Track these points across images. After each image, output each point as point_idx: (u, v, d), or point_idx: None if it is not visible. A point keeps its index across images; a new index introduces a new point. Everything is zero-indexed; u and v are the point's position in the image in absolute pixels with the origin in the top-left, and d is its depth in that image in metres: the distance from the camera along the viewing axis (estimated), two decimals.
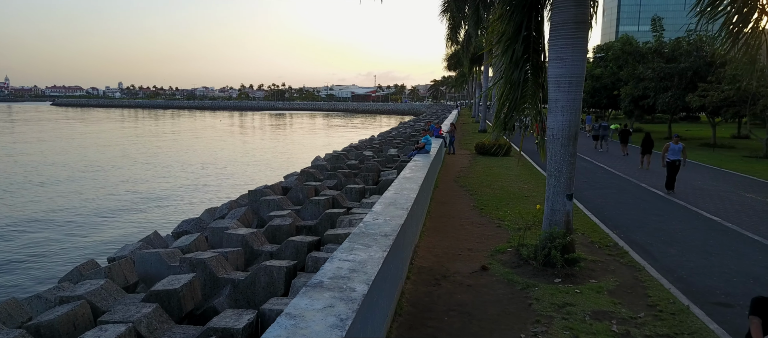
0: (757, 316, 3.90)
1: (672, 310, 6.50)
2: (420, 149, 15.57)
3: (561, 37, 7.57)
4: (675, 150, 14.62)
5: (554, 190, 7.98)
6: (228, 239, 7.56)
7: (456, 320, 6.22)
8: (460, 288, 7.23)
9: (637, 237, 10.03)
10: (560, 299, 6.80)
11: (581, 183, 16.55)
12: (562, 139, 7.80)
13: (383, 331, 5.43)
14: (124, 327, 4.32)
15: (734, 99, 23.78)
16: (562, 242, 7.75)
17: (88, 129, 61.04)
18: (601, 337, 5.72)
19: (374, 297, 4.85)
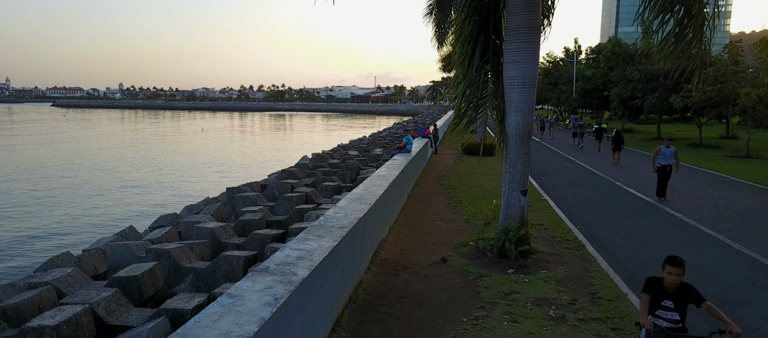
0: (647, 293, 4.32)
1: (610, 297, 6.92)
2: (401, 148, 16.01)
3: (514, 41, 8.01)
4: (666, 154, 13.34)
5: (510, 186, 8.41)
6: (198, 232, 8.02)
7: (407, 306, 6.65)
8: (417, 278, 7.66)
9: (597, 232, 10.47)
10: (508, 287, 7.23)
11: (559, 182, 16.99)
12: (516, 137, 8.23)
13: (331, 315, 5.86)
14: (81, 308, 4.76)
15: (716, 100, 24.19)
16: (516, 235, 8.18)
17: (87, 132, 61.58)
18: (537, 321, 6.15)
19: (318, 281, 5.28)
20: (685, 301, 4.26)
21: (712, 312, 4.09)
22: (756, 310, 6.66)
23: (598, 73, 40.26)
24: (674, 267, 4.19)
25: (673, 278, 4.16)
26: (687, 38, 7.60)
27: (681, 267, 4.21)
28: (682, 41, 7.58)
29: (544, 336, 5.78)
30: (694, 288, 4.26)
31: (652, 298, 4.31)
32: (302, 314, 4.78)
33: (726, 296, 7.12)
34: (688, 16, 7.50)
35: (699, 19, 7.47)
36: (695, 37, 7.61)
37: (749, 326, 6.19)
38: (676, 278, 4.16)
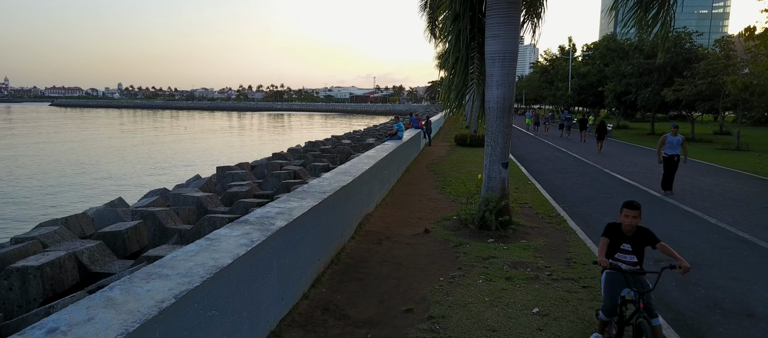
0: (606, 237, 4.54)
1: (584, 262, 7.13)
2: (392, 135, 16.23)
3: (495, 16, 8.23)
4: (673, 143, 12.27)
5: (491, 159, 8.63)
6: (184, 200, 8.22)
7: (386, 268, 6.86)
8: (399, 246, 7.87)
9: (580, 210, 10.69)
10: (486, 253, 7.45)
11: (547, 169, 17.21)
12: (497, 111, 8.45)
13: (311, 272, 6.07)
14: (65, 253, 4.96)
15: (707, 93, 24.43)
16: (497, 206, 8.39)
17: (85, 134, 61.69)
18: (512, 280, 6.35)
19: (296, 234, 5.49)
20: (642, 243, 4.48)
21: (666, 251, 4.31)
22: (724, 272, 6.89)
23: (593, 70, 40.52)
24: (631, 210, 4.42)
25: (630, 220, 4.39)
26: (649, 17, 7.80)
27: (637, 209, 4.44)
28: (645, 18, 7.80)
29: (516, 292, 5.99)
30: (650, 230, 4.49)
31: (611, 242, 4.53)
32: (279, 261, 4.98)
33: (698, 260, 7.34)
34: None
35: None
36: (658, 16, 7.81)
37: (716, 284, 6.41)
38: (632, 220, 4.39)
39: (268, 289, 4.71)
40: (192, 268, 3.78)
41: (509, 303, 5.64)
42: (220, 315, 3.79)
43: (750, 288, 6.27)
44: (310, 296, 5.77)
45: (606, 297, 4.56)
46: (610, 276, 4.57)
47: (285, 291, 5.17)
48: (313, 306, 5.54)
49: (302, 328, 5.02)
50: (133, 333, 2.81)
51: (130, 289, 3.35)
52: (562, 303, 5.64)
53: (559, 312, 5.43)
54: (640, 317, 4.12)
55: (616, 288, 4.50)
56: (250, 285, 4.30)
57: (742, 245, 8.12)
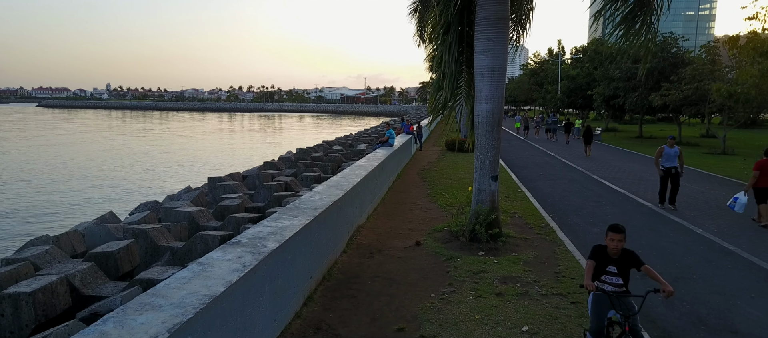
0: (592, 259, 4.64)
1: (573, 275, 7.25)
2: (384, 142, 16.28)
3: (484, 31, 8.32)
4: (670, 155, 11.72)
5: (480, 172, 8.71)
6: (175, 215, 8.22)
7: (378, 284, 6.92)
8: (390, 260, 7.93)
9: (569, 220, 10.82)
10: (477, 267, 7.53)
11: (537, 175, 17.38)
12: (486, 125, 8.53)
13: (303, 290, 6.10)
14: (57, 277, 4.95)
15: (693, 98, 24.78)
16: (487, 219, 8.48)
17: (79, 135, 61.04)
18: (501, 296, 6.44)
19: (288, 255, 5.53)
20: (627, 266, 4.58)
21: (650, 274, 4.41)
22: (709, 285, 7.03)
23: (582, 73, 40.90)
24: (616, 233, 4.52)
25: (616, 243, 4.48)
26: (636, 26, 7.95)
27: (622, 233, 4.54)
28: (632, 27, 7.94)
29: (506, 308, 6.07)
30: (635, 253, 4.59)
31: (597, 264, 4.63)
32: (272, 284, 5.02)
33: (683, 274, 7.48)
34: (639, 6, 7.83)
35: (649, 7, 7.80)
36: (644, 24, 7.95)
37: (701, 299, 6.55)
38: (618, 243, 4.48)
39: (260, 313, 4.74)
40: (185, 297, 3.80)
41: (499, 321, 5.72)
42: None
43: (734, 303, 6.41)
44: (302, 315, 5.81)
45: (593, 318, 4.66)
46: (597, 297, 4.67)
47: (277, 312, 5.21)
48: (305, 325, 5.57)
49: None
50: None
51: (123, 322, 3.37)
52: (551, 321, 5.73)
53: (548, 330, 5.51)
54: None
55: (602, 309, 4.59)
56: (242, 311, 4.33)
57: (727, 258, 8.28)
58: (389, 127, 16.91)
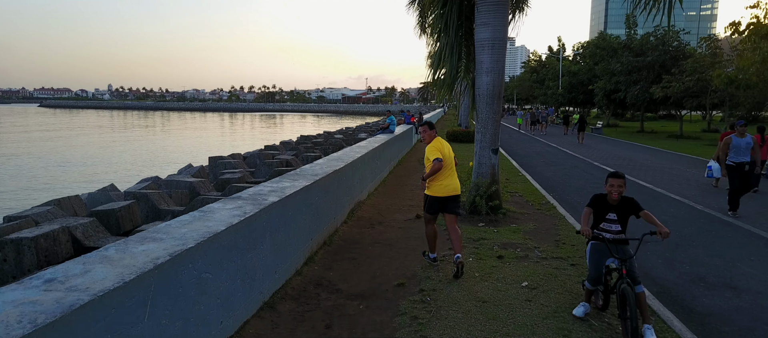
0: (590, 207, 4.65)
1: (573, 243, 7.26)
2: (384, 129, 16.32)
3: (485, 4, 8.34)
4: (740, 147, 9.13)
5: (481, 145, 8.73)
6: (176, 185, 8.25)
7: (378, 248, 6.94)
8: (390, 230, 7.95)
9: (570, 198, 10.84)
10: (477, 235, 7.55)
11: (538, 162, 17.39)
12: (487, 98, 8.56)
13: (305, 250, 6.12)
14: (59, 226, 4.98)
15: (695, 90, 24.77)
16: (487, 191, 8.50)
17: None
18: (502, 259, 6.45)
19: (288, 210, 5.55)
20: (626, 213, 4.60)
21: (649, 219, 4.43)
22: (708, 250, 7.05)
23: (583, 69, 40.89)
24: (616, 179, 4.55)
25: (616, 189, 4.49)
26: None
27: (622, 179, 4.56)
28: None
29: (506, 268, 6.09)
30: (634, 199, 4.60)
31: (597, 212, 4.64)
32: (272, 235, 5.04)
33: (683, 241, 7.50)
34: None
35: None
36: None
37: (701, 261, 6.56)
38: (618, 189, 4.49)
39: (261, 261, 4.76)
40: (186, 233, 3.83)
41: (499, 278, 5.74)
42: (214, 279, 3.84)
43: (733, 265, 6.42)
44: (303, 272, 5.83)
45: (591, 266, 4.68)
46: (595, 246, 4.68)
47: (278, 265, 5.23)
48: (306, 281, 5.60)
49: (295, 301, 5.08)
50: (130, 283, 2.87)
51: (125, 249, 3.40)
52: (551, 278, 5.75)
53: (548, 285, 5.53)
54: (623, 283, 4.22)
55: (600, 257, 4.61)
56: (243, 254, 4.36)
57: (727, 227, 8.29)
58: (390, 113, 16.94)
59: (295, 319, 4.68)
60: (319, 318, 4.73)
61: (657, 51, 29.77)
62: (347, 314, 4.83)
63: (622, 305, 4.22)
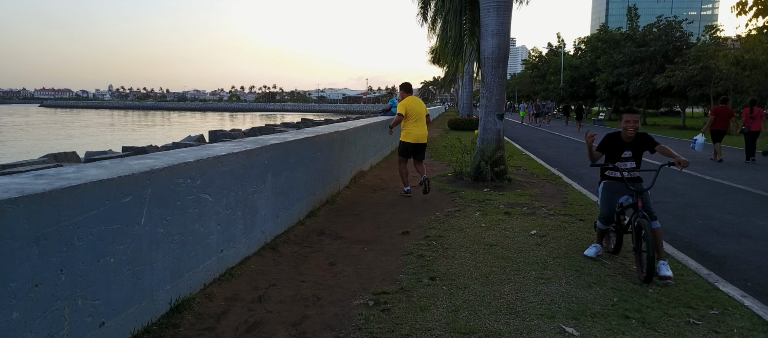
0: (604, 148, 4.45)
1: (581, 204, 7.10)
2: (386, 111, 16.16)
3: None
4: None
5: (486, 110, 8.58)
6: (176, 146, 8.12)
7: (382, 208, 6.79)
8: (393, 195, 7.79)
9: (575, 171, 10.69)
10: (482, 197, 7.39)
11: (542, 145, 17.27)
12: (492, 61, 8.41)
13: (307, 203, 5.97)
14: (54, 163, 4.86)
15: (699, 78, 24.60)
16: (492, 156, 8.35)
17: None
18: (509, 215, 6.29)
19: (290, 156, 5.40)
20: (641, 149, 4.45)
21: (665, 152, 4.28)
22: (717, 209, 6.91)
23: (585, 62, 40.73)
24: (631, 114, 4.39)
25: (632, 125, 4.32)
26: None
27: (637, 114, 4.41)
28: None
29: (513, 221, 5.93)
30: (649, 134, 4.45)
31: (611, 151, 4.44)
32: (273, 175, 4.89)
33: (694, 202, 7.35)
34: None
35: None
36: None
37: (713, 217, 6.41)
38: (634, 125, 4.33)
39: (262, 200, 4.62)
40: (185, 155, 3.69)
41: (506, 228, 5.59)
42: (213, 203, 3.69)
43: (747, 220, 6.28)
44: (305, 223, 5.68)
45: (603, 205, 4.51)
46: (608, 185, 4.53)
47: (280, 210, 5.08)
48: (308, 230, 5.45)
49: (298, 245, 4.93)
50: (124, 178, 2.73)
51: (120, 162, 3.25)
52: (560, 229, 5.60)
53: (557, 234, 5.38)
54: (639, 216, 4.07)
55: (613, 196, 4.45)
56: (244, 186, 4.21)
57: (737, 192, 8.14)
58: (392, 96, 16.78)
59: (297, 259, 4.53)
60: (322, 258, 4.58)
61: (660, 41, 29.59)
62: (351, 254, 4.68)
63: (638, 237, 4.08)
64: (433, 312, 3.34)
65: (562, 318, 3.27)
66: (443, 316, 3.28)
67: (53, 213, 2.23)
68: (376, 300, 3.54)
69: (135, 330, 2.82)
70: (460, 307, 3.42)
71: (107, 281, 2.59)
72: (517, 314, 3.33)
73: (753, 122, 12.26)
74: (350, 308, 3.43)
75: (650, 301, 3.57)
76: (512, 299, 3.58)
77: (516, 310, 3.39)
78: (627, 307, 3.45)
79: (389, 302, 3.50)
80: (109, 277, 2.60)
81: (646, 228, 3.92)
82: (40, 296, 2.18)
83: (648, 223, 3.97)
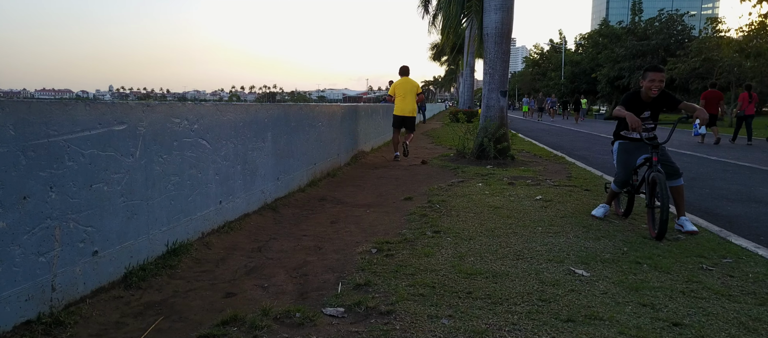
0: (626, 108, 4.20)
1: (585, 177, 7.01)
2: (386, 99, 16.06)
3: None
4: None
5: (489, 87, 8.48)
6: None
7: (383, 181, 6.68)
8: (396, 171, 7.69)
9: (578, 153, 10.59)
10: (485, 172, 7.29)
11: (544, 134, 17.17)
12: (495, 37, 8.30)
13: (307, 171, 5.88)
14: None
15: (701, 70, 24.49)
16: (495, 133, 8.25)
17: None
18: (515, 185, 6.19)
19: (290, 121, 5.31)
20: (660, 107, 4.22)
21: (688, 109, 4.08)
22: (724, 181, 6.82)
23: (586, 58, 40.63)
24: (657, 73, 4.04)
25: (657, 84, 4.00)
26: None
27: (662, 72, 4.09)
28: None
29: (518, 189, 5.83)
30: (670, 91, 4.23)
31: (631, 111, 4.08)
32: (274, 137, 4.79)
33: (700, 176, 7.25)
34: None
35: None
36: None
37: (720, 187, 6.32)
38: (659, 84, 4.01)
39: (262, 159, 4.52)
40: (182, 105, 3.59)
41: (511, 195, 5.49)
42: (212, 151, 3.59)
43: (755, 189, 6.18)
44: (306, 191, 5.58)
45: (619, 167, 4.31)
46: (624, 145, 4.33)
47: (280, 172, 4.99)
48: (309, 197, 5.35)
49: (299, 208, 4.83)
50: (117, 105, 2.63)
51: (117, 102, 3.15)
52: (565, 196, 5.50)
53: (562, 199, 5.28)
54: (653, 171, 3.85)
55: (629, 157, 4.25)
56: (243, 140, 4.11)
57: (744, 168, 8.04)
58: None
59: (299, 219, 4.43)
60: (324, 218, 4.48)
61: (662, 34, 29.49)
62: (354, 215, 4.58)
63: (652, 193, 3.90)
64: (437, 258, 3.24)
65: (571, 263, 3.17)
66: (448, 260, 3.18)
67: (42, 125, 2.13)
68: (379, 248, 3.44)
69: (130, 265, 2.72)
70: (466, 254, 3.32)
71: (100, 208, 2.48)
72: (524, 259, 3.23)
73: (748, 106, 12.79)
74: (352, 254, 3.33)
75: (661, 251, 3.46)
76: (519, 248, 3.48)
77: (523, 256, 3.29)
78: (638, 255, 3.34)
79: (393, 250, 3.40)
80: (102, 205, 2.50)
81: (660, 184, 3.71)
82: (29, 210, 2.08)
83: (663, 178, 3.75)
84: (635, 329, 2.22)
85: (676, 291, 2.71)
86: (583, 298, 2.58)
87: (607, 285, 2.79)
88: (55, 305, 2.22)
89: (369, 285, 2.73)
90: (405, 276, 2.88)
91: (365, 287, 2.71)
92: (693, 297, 2.62)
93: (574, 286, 2.75)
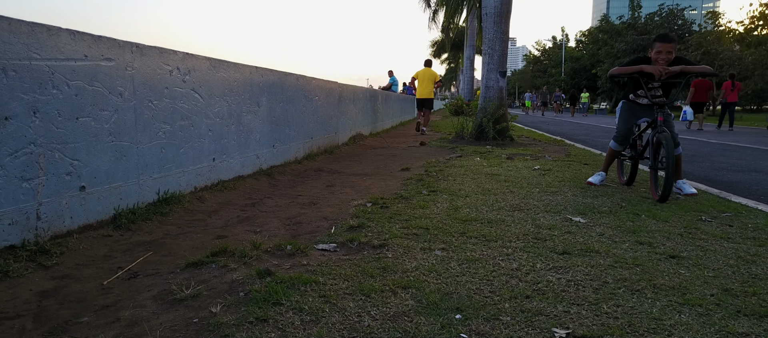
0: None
1: (584, 155, 6.96)
2: (387, 88, 16.01)
3: None
4: None
5: (488, 68, 8.42)
6: None
7: (381, 157, 6.64)
8: (394, 150, 7.64)
9: (578, 138, 10.54)
10: (484, 150, 7.25)
11: (544, 125, 17.11)
12: (494, 16, 8.25)
13: (305, 144, 5.83)
14: None
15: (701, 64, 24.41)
16: (494, 114, 8.20)
17: None
18: (513, 160, 6.14)
19: (287, 91, 5.27)
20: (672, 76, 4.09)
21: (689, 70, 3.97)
22: (725, 158, 6.76)
23: (586, 54, 40.57)
24: (666, 44, 3.78)
25: (664, 56, 3.78)
26: None
27: (673, 43, 3.84)
28: None
29: (516, 163, 5.78)
30: (683, 57, 4.08)
31: (637, 83, 4.01)
32: (269, 104, 4.75)
33: (700, 154, 7.20)
34: None
35: None
36: None
37: (721, 162, 6.26)
38: (666, 56, 3.78)
39: (257, 124, 4.47)
40: None
41: (509, 166, 5.45)
42: (204, 106, 3.55)
43: (756, 162, 6.13)
44: (302, 163, 5.54)
45: (621, 123, 4.13)
46: (627, 105, 4.16)
47: (276, 140, 4.94)
48: (305, 168, 5.30)
49: (295, 176, 4.79)
50: (105, 39, 2.58)
51: None
52: (563, 167, 5.45)
53: (560, 168, 5.24)
54: (658, 131, 3.70)
55: (631, 116, 4.10)
56: (237, 101, 4.07)
57: (742, 148, 8.00)
58: (392, 74, 16.63)
59: (293, 183, 4.39)
60: (320, 183, 4.43)
61: (662, 29, 29.41)
62: (350, 181, 4.53)
63: (656, 153, 3.80)
64: (432, 209, 3.19)
65: (568, 213, 3.12)
66: (443, 211, 3.13)
67: (22, 45, 2.08)
68: (374, 202, 3.40)
69: (119, 207, 2.68)
70: (462, 207, 3.28)
71: (87, 143, 2.44)
72: (521, 210, 3.19)
73: (730, 94, 13.62)
74: (347, 207, 3.29)
75: (660, 208, 3.41)
76: (516, 202, 3.44)
77: (520, 208, 3.25)
78: (636, 209, 3.30)
79: (388, 204, 3.36)
80: (89, 141, 2.45)
81: (666, 143, 3.52)
82: (11, 132, 2.03)
83: (669, 136, 3.57)
84: (632, 260, 2.18)
85: (674, 233, 2.66)
86: (579, 238, 2.54)
87: (604, 228, 2.75)
88: (41, 234, 2.18)
89: (362, 227, 2.69)
90: (399, 221, 2.84)
91: (358, 228, 2.67)
92: (691, 238, 2.58)
93: (571, 229, 2.71)
